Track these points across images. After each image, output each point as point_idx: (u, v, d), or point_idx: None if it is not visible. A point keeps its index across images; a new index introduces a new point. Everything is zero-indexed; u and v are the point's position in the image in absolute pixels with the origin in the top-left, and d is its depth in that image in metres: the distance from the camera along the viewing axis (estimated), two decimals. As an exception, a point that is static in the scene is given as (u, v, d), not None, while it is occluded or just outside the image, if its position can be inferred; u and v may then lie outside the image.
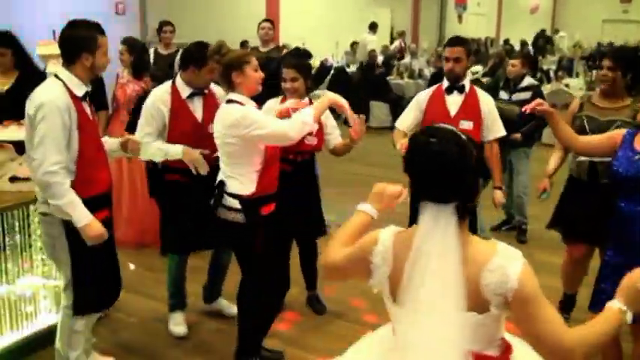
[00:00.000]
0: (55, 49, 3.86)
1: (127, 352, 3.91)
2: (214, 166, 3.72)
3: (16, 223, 3.78)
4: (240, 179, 3.40)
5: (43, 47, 4.49)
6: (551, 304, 1.83)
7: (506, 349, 1.96)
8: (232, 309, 4.20)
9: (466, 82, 4.27)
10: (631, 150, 3.17)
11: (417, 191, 1.87)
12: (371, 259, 1.95)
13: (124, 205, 5.65)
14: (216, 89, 4.04)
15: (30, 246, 3.93)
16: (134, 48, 5.61)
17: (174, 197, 3.99)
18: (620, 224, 3.21)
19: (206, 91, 3.98)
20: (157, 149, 3.86)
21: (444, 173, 1.80)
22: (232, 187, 3.41)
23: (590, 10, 24.05)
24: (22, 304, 3.82)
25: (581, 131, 3.82)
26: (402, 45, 16.43)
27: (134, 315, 4.42)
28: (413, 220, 1.94)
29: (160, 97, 3.91)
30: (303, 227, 4.36)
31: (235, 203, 3.40)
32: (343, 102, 3.51)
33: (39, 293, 3.93)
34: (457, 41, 4.30)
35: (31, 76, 4.20)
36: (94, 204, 3.22)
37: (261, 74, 3.46)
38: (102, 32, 3.25)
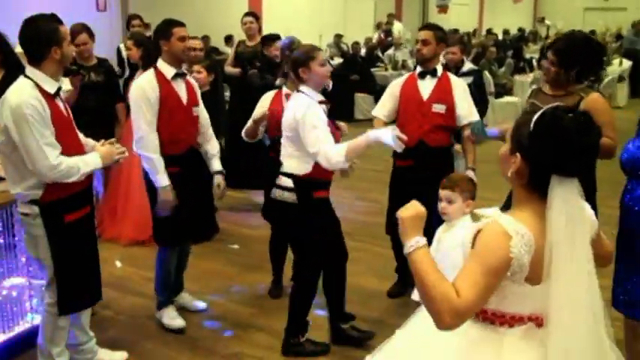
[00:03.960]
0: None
1: (116, 350, 3.89)
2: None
3: (0, 224, 3.77)
4: (299, 159, 3.53)
5: (22, 46, 4.45)
6: None
7: None
8: (197, 303, 4.41)
9: (438, 67, 4.39)
10: None
11: (545, 168, 1.88)
12: (511, 256, 1.84)
13: (118, 202, 5.64)
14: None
15: (15, 246, 3.92)
16: (140, 42, 5.70)
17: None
18: None
19: (187, 75, 4.15)
20: None
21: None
22: (289, 166, 3.57)
23: (572, -1, 24.10)
24: (8, 305, 3.81)
25: None
26: (383, 36, 16.34)
27: (122, 312, 4.41)
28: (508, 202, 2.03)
29: None
30: None
31: (289, 182, 3.54)
32: (395, 138, 3.32)
33: (25, 293, 3.92)
34: (425, 26, 4.56)
35: (16, 75, 4.18)
36: (73, 202, 3.24)
37: (328, 68, 3.61)
38: (60, 22, 3.17)
